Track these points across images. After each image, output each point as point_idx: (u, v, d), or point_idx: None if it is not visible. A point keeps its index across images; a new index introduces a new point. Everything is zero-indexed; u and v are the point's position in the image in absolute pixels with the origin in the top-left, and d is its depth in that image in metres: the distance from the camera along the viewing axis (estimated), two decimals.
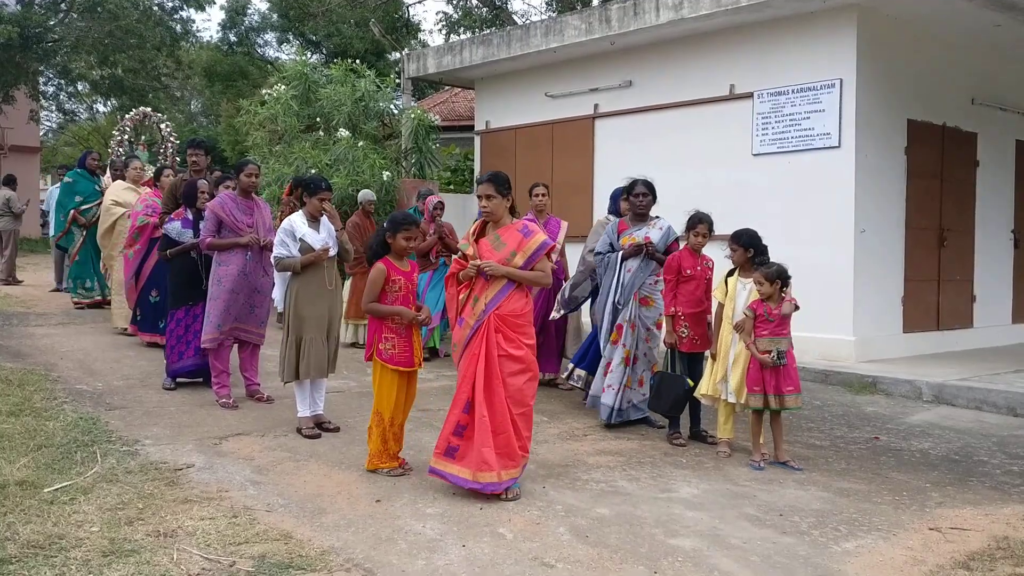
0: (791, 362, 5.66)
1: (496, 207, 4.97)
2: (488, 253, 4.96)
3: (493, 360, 4.83)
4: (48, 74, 23.77)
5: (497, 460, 4.74)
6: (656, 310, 6.66)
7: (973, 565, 4.08)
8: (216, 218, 6.78)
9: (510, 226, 5.02)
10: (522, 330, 4.93)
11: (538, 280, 5.02)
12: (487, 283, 4.91)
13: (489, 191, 4.97)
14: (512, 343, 4.87)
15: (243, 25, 33.66)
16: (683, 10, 9.82)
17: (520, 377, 4.89)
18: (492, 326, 4.86)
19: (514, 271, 4.90)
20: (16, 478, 4.73)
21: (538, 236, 4.98)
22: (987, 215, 10.96)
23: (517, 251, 4.93)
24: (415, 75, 13.98)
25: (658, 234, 6.66)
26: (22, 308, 10.95)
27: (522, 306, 4.96)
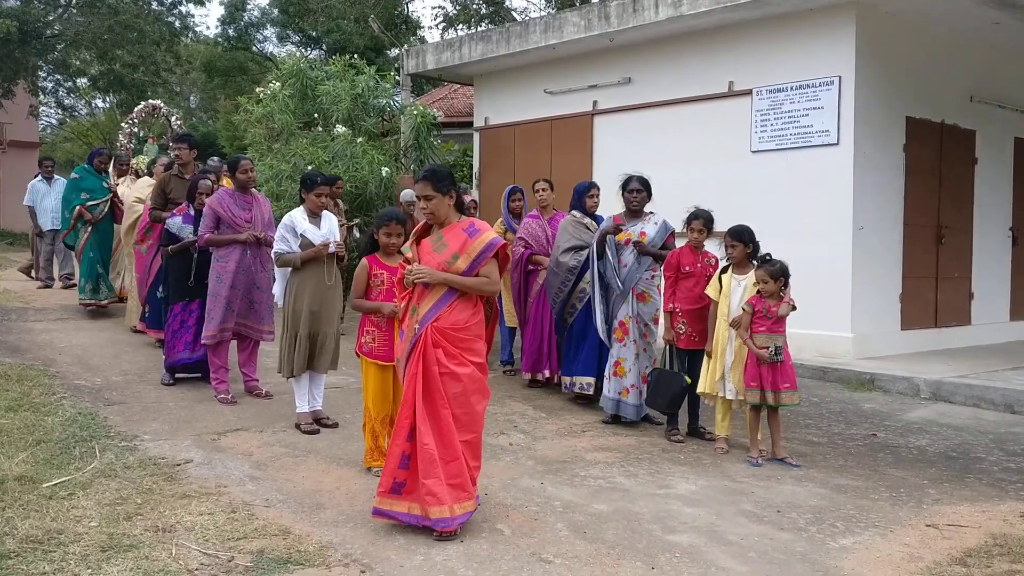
0: (787, 359, 5.68)
1: (437, 207, 4.42)
2: (428, 256, 4.43)
3: (433, 379, 4.28)
4: (47, 69, 23.74)
5: (449, 492, 4.20)
6: (653, 305, 6.69)
7: (970, 562, 4.09)
8: (214, 214, 6.79)
9: (455, 225, 4.46)
10: (466, 345, 4.35)
11: (480, 288, 4.39)
12: (425, 291, 4.39)
13: (426, 190, 4.40)
14: (454, 359, 4.30)
15: (242, 21, 33.62)
16: (682, 7, 9.82)
17: (465, 398, 4.33)
18: (430, 340, 4.30)
19: (451, 277, 4.33)
20: (15, 473, 4.73)
21: (484, 236, 4.41)
22: (985, 213, 10.97)
23: (460, 253, 4.36)
24: (414, 71, 13.98)
25: (653, 229, 6.69)
26: (20, 303, 10.95)
27: (467, 317, 4.37)
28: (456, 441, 4.28)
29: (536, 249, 7.90)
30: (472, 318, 4.39)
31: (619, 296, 6.67)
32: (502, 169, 12.75)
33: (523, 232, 8.03)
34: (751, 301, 5.74)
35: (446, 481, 4.21)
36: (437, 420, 4.28)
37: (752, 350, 5.67)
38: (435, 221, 4.48)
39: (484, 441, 5.98)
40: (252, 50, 34.30)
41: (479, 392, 4.40)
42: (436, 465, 4.21)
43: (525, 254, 7.92)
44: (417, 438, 4.25)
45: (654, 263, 6.70)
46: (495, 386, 7.86)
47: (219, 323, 6.79)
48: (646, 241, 6.64)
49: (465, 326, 4.36)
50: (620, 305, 6.67)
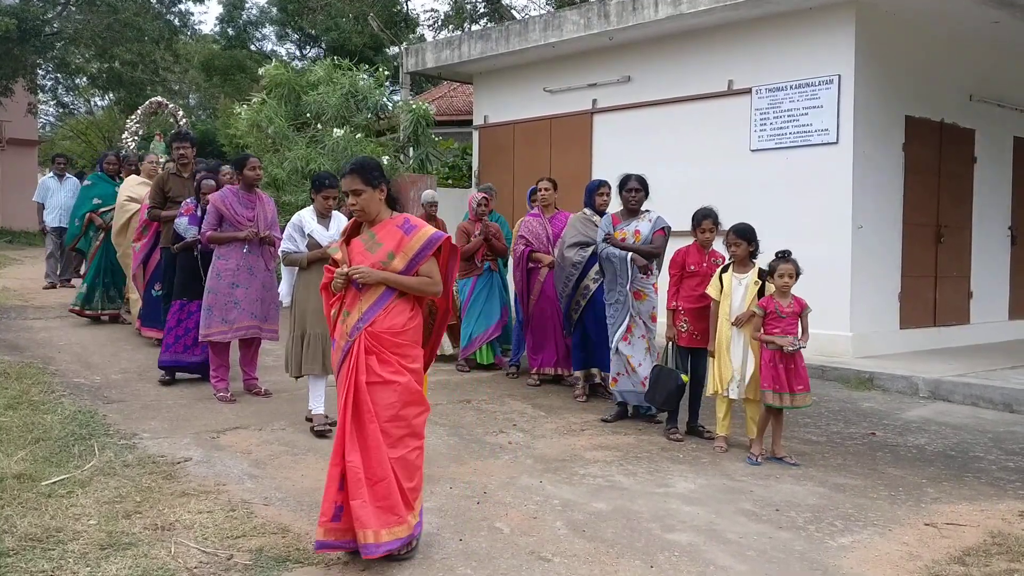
0: (800, 360, 5.66)
1: (367, 203, 4.03)
2: (360, 256, 4.03)
3: (362, 389, 3.88)
4: (46, 67, 23.72)
5: (375, 515, 3.77)
6: (650, 303, 6.71)
7: (968, 560, 4.09)
8: (217, 212, 6.79)
9: (388, 222, 4.08)
10: (402, 351, 3.97)
11: (422, 288, 4.03)
12: (359, 293, 3.99)
13: (355, 184, 4.00)
14: (388, 366, 3.91)
15: (241, 19, 33.60)
16: (682, 6, 9.82)
17: (399, 410, 3.91)
18: (362, 346, 3.91)
19: (391, 276, 3.96)
20: (14, 471, 4.73)
21: (423, 232, 4.05)
22: (984, 212, 10.97)
23: (396, 252, 3.99)
24: (414, 69, 13.97)
25: (647, 227, 6.72)
26: (20, 301, 10.95)
27: (404, 321, 3.99)
28: (385, 458, 3.83)
29: (536, 247, 7.93)
30: (410, 322, 4.02)
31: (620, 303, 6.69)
32: (501, 168, 12.75)
33: (523, 230, 8.06)
34: (762, 303, 5.71)
35: (372, 503, 3.78)
36: (364, 435, 3.85)
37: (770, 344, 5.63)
38: (365, 218, 4.08)
39: (483, 440, 6.04)
40: (251, 48, 34.27)
41: (415, 403, 3.97)
42: (362, 485, 3.78)
43: (525, 252, 7.95)
44: (345, 455, 3.84)
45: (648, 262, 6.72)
46: (495, 385, 7.94)
47: (219, 321, 6.77)
48: (640, 239, 6.67)
49: (403, 330, 3.98)
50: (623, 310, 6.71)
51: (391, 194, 4.14)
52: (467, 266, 8.47)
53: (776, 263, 5.71)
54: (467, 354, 8.52)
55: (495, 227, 8.57)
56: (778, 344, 5.60)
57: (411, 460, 3.94)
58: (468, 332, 8.49)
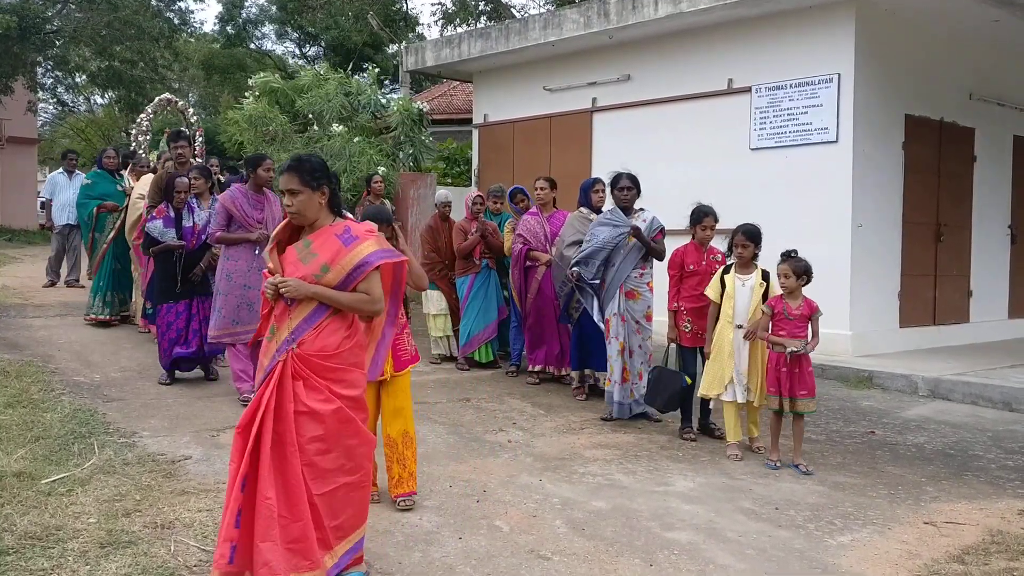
0: (807, 365, 5.55)
1: (303, 205, 3.57)
2: (292, 267, 3.58)
3: (286, 418, 3.43)
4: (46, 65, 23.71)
5: (284, 558, 3.33)
6: (644, 302, 6.72)
7: (968, 559, 4.10)
8: (226, 212, 6.71)
9: (327, 229, 3.61)
10: (336, 375, 3.52)
11: (357, 306, 3.57)
12: (289, 308, 3.55)
13: (292, 183, 3.56)
14: (316, 393, 3.47)
15: (240, 18, 33.59)
16: (681, 4, 9.82)
17: (329, 443, 3.50)
18: (289, 370, 3.47)
19: (322, 291, 3.51)
20: (14, 469, 4.73)
21: (363, 246, 3.57)
22: (984, 211, 10.97)
23: (331, 264, 3.53)
24: (413, 68, 13.98)
25: (643, 226, 6.70)
26: (19, 300, 10.94)
27: (338, 341, 3.54)
28: (304, 498, 3.40)
29: (534, 245, 7.94)
30: (346, 342, 3.57)
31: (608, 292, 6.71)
32: (501, 166, 12.75)
33: (521, 229, 8.08)
34: (770, 303, 5.63)
35: (283, 544, 3.35)
36: (285, 471, 3.41)
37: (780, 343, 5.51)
38: (302, 222, 3.63)
39: (482, 439, 6.04)
40: (250, 47, 34.27)
41: (350, 434, 3.53)
42: (274, 526, 3.34)
43: (523, 250, 7.97)
44: (258, 490, 3.38)
45: (642, 261, 6.73)
46: (495, 383, 7.94)
47: (230, 323, 6.66)
48: (633, 240, 6.67)
49: (336, 352, 3.54)
50: (608, 302, 6.72)
51: (335, 198, 3.70)
52: (465, 264, 8.49)
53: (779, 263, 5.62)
54: (467, 353, 8.52)
55: (492, 225, 8.57)
56: (782, 346, 5.51)
57: (340, 496, 3.51)
58: (467, 331, 8.49)
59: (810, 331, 5.57)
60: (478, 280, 8.49)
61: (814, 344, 5.55)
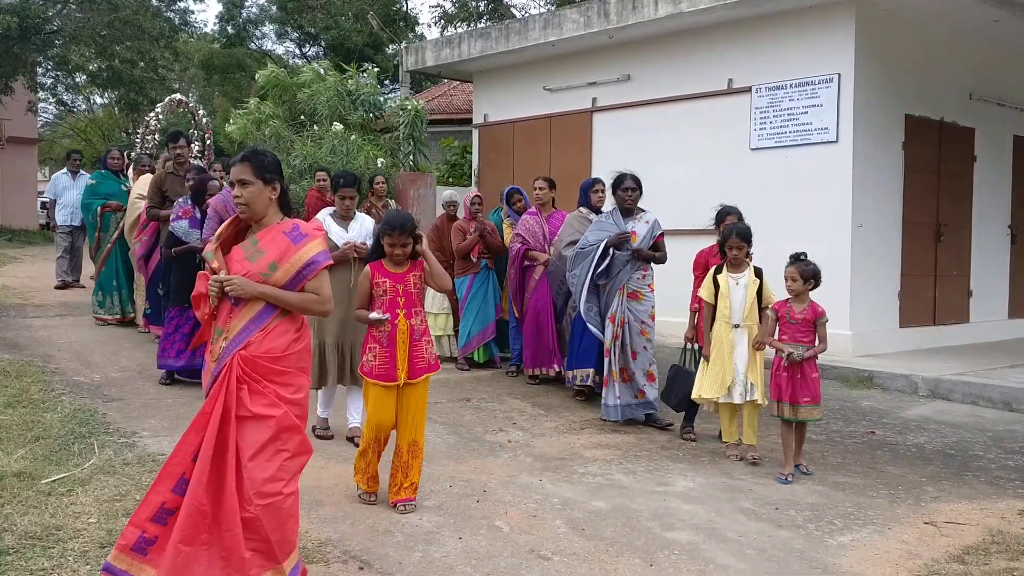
0: (810, 371, 5.35)
1: (253, 197, 3.44)
2: (239, 265, 3.43)
3: (230, 424, 3.27)
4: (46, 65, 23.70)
5: (207, 570, 3.17)
6: (647, 303, 6.67)
7: (968, 559, 4.10)
8: (219, 217, 6.52)
9: (275, 227, 3.49)
10: (283, 379, 3.38)
11: (306, 306, 3.46)
12: (235, 308, 3.40)
13: (243, 174, 3.44)
14: (261, 398, 3.31)
15: (240, 18, 33.60)
16: (682, 4, 9.82)
17: (272, 449, 3.29)
18: (234, 373, 3.30)
19: (270, 291, 3.38)
20: (14, 469, 4.73)
21: (313, 243, 3.47)
22: (984, 211, 10.97)
23: (280, 263, 3.40)
24: (413, 68, 13.97)
25: (644, 228, 6.66)
26: (19, 300, 10.94)
27: (286, 344, 3.41)
28: (236, 511, 3.20)
29: (532, 245, 7.95)
30: (294, 345, 3.44)
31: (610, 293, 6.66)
32: (501, 166, 12.75)
33: (520, 228, 8.08)
34: (775, 307, 5.51)
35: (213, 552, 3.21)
36: (223, 476, 3.23)
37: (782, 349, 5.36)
38: (250, 217, 3.50)
39: (482, 439, 6.04)
40: (250, 47, 34.28)
41: (291, 441, 3.35)
42: (202, 531, 3.18)
43: (521, 250, 7.98)
44: (190, 493, 3.20)
45: (644, 263, 6.68)
46: (495, 383, 7.94)
47: None
48: (636, 241, 6.63)
49: (283, 355, 3.40)
50: (612, 301, 6.67)
51: (285, 196, 3.56)
52: (464, 264, 8.49)
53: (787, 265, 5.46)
54: (466, 353, 8.52)
55: (490, 225, 8.58)
56: (784, 351, 5.36)
57: (282, 508, 3.28)
58: (467, 331, 8.49)
59: (816, 336, 5.38)
60: (477, 280, 8.49)
61: (819, 350, 5.37)
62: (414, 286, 4.63)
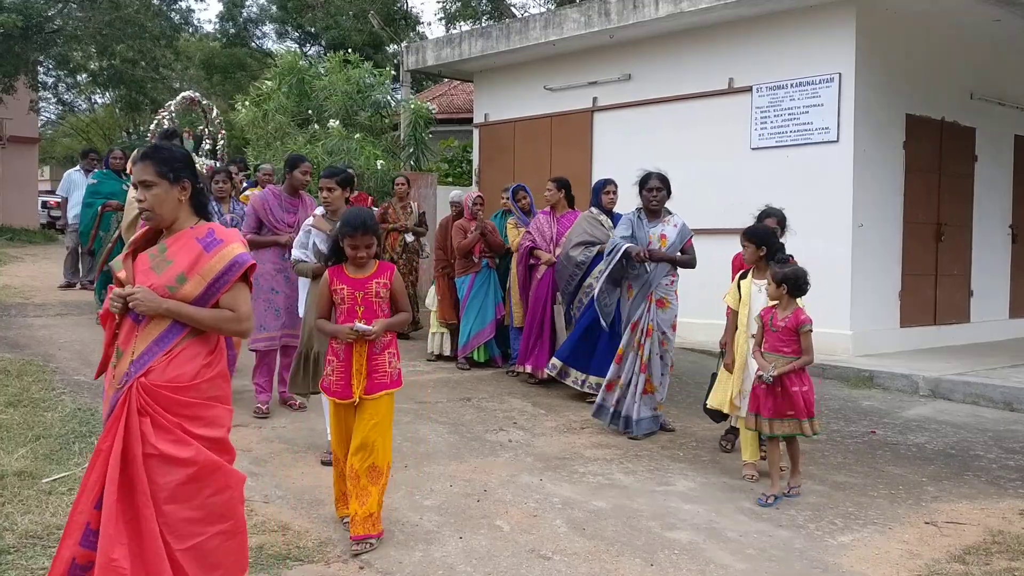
0: (791, 384, 4.85)
1: (157, 201, 2.99)
2: (144, 276, 2.98)
3: (135, 462, 2.82)
4: (47, 64, 23.71)
5: None
6: (672, 311, 6.35)
7: (968, 559, 4.10)
8: (255, 216, 6.44)
9: (187, 232, 3.03)
10: (192, 412, 2.91)
11: (219, 325, 2.99)
12: (137, 327, 2.94)
13: (145, 174, 2.98)
14: (166, 434, 2.85)
15: (241, 17, 33.60)
16: (682, 3, 9.82)
17: (188, 492, 2.87)
18: (135, 403, 2.85)
19: (176, 306, 2.91)
20: (14, 468, 4.74)
21: (228, 249, 3.01)
22: (985, 210, 10.97)
23: (189, 274, 2.95)
24: (414, 67, 13.97)
25: (673, 232, 6.30)
26: (20, 299, 10.94)
27: (195, 370, 2.94)
28: (163, 556, 2.80)
29: (539, 244, 7.97)
30: (205, 371, 2.96)
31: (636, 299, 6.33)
32: (502, 166, 12.75)
33: (532, 226, 8.16)
34: (762, 313, 5.11)
35: None
36: (137, 524, 2.82)
37: (759, 361, 4.97)
38: (158, 222, 3.03)
39: (483, 438, 6.04)
40: (251, 46, 34.27)
41: (212, 480, 2.92)
42: None
43: (528, 247, 8.03)
44: (100, 550, 2.77)
45: (672, 268, 6.37)
46: (495, 383, 7.94)
47: (258, 328, 6.36)
48: (666, 246, 6.27)
49: (191, 383, 2.92)
50: (637, 307, 6.34)
51: (199, 196, 3.10)
52: (465, 263, 8.51)
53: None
54: (466, 352, 8.52)
55: (491, 224, 8.61)
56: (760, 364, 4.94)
57: (211, 548, 2.91)
58: (467, 330, 8.49)
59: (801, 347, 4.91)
60: (478, 279, 8.50)
61: (801, 363, 4.86)
62: (376, 294, 4.15)
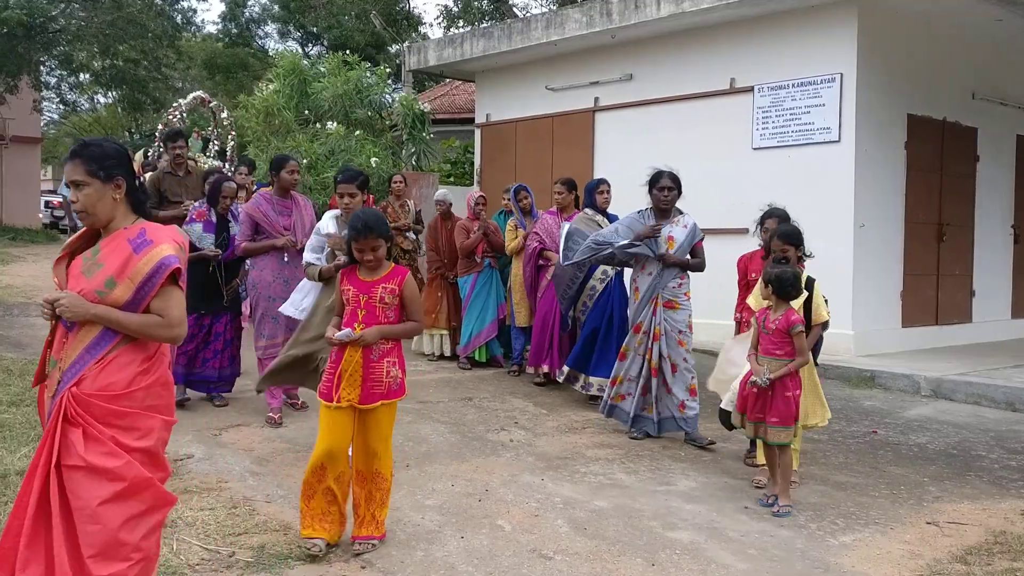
0: (782, 390, 4.70)
1: (90, 201, 2.82)
2: (75, 279, 2.83)
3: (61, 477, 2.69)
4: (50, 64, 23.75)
5: None
6: (684, 312, 6.13)
7: (970, 559, 4.09)
8: (251, 221, 6.27)
9: (120, 233, 2.85)
10: (127, 422, 2.75)
11: (148, 331, 2.80)
12: (69, 334, 2.81)
13: (76, 173, 2.82)
14: (97, 445, 2.69)
15: (243, 17, 33.65)
16: (684, 3, 9.82)
17: (115, 509, 2.69)
18: (66, 413, 2.71)
19: (104, 312, 2.75)
20: (17, 468, 4.74)
21: (157, 250, 2.80)
22: (987, 210, 10.96)
23: (119, 277, 2.77)
24: (416, 67, 13.98)
25: (682, 233, 6.12)
26: (23, 299, 10.96)
27: (129, 378, 2.78)
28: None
29: (548, 245, 7.93)
30: (140, 379, 2.80)
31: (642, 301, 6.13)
32: (504, 166, 12.76)
33: (539, 227, 8.03)
34: (757, 315, 4.98)
35: None
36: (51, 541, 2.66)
37: (753, 366, 4.84)
38: (93, 223, 2.87)
39: (484, 438, 6.04)
40: (253, 46, 34.32)
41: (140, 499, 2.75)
42: None
43: (537, 248, 7.92)
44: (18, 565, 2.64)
45: (682, 271, 6.15)
46: (497, 383, 7.94)
47: (268, 336, 6.29)
48: (674, 247, 6.08)
49: (125, 392, 2.76)
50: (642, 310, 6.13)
51: (136, 193, 2.92)
52: (468, 263, 8.53)
53: None
54: (467, 352, 8.52)
55: (493, 224, 8.61)
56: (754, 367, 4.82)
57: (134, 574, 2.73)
58: (469, 330, 8.50)
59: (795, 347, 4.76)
60: (480, 279, 8.51)
61: (794, 366, 4.72)
62: (381, 299, 3.95)
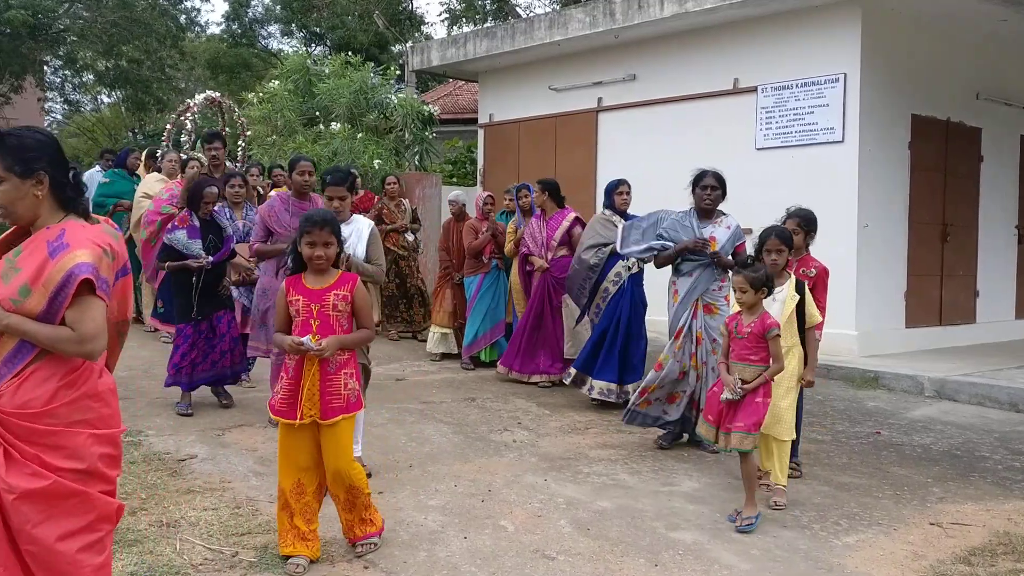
0: (755, 396, 4.49)
1: (9, 198, 2.58)
2: None
3: None
4: (54, 64, 23.79)
5: None
6: (721, 318, 5.71)
7: (974, 560, 4.09)
8: (263, 223, 6.04)
9: (41, 234, 2.59)
10: (50, 441, 2.51)
11: (58, 345, 2.52)
12: None
13: None
14: (21, 467, 2.47)
15: (247, 17, 33.65)
16: (687, 3, 9.82)
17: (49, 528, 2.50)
18: None
19: (17, 322, 2.50)
20: None
21: (70, 256, 2.52)
22: (991, 210, 10.94)
23: (33, 285, 2.51)
24: (419, 68, 14.00)
25: (725, 234, 5.87)
26: None
27: (49, 393, 2.52)
28: None
29: (531, 250, 7.97)
30: (62, 393, 2.54)
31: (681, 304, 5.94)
32: (507, 166, 12.76)
33: (526, 233, 8.13)
34: (727, 321, 4.75)
35: None
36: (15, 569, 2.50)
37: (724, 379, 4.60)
38: (16, 222, 2.66)
39: (487, 438, 6.04)
40: (256, 46, 34.32)
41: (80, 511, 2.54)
42: None
43: (522, 255, 8.13)
44: None
45: (723, 272, 5.87)
46: (500, 383, 7.93)
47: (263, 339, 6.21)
48: (716, 247, 5.83)
49: (45, 409, 2.51)
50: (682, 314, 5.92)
51: (64, 189, 2.65)
52: (475, 263, 8.55)
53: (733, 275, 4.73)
54: (471, 352, 8.53)
55: (502, 225, 8.64)
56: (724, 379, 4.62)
57: None
58: (473, 330, 8.50)
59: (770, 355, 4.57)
60: (487, 280, 8.53)
61: (770, 373, 4.53)
62: (334, 307, 3.82)
